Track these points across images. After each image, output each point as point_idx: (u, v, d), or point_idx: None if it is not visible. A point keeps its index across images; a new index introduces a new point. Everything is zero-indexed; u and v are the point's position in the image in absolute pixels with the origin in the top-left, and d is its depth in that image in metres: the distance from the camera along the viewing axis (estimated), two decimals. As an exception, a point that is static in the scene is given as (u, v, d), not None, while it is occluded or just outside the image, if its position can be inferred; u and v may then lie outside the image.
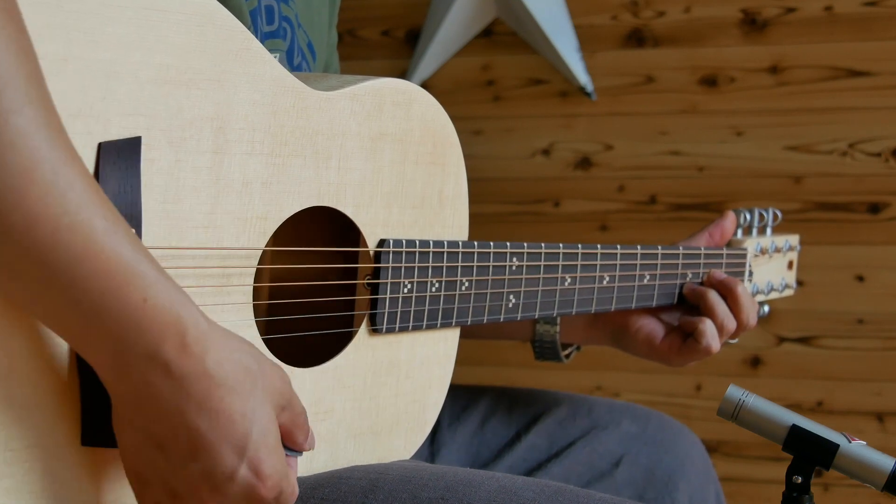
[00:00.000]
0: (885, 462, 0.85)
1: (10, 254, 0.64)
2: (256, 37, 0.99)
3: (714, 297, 1.21)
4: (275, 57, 1.02)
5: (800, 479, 0.86)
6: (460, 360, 1.07)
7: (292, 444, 0.77)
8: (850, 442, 0.85)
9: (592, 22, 2.39)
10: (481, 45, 2.45)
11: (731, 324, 1.21)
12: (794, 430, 0.86)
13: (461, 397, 1.30)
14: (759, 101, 2.32)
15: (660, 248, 1.21)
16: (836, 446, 0.85)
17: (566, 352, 1.30)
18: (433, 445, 1.26)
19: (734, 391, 0.88)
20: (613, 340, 1.28)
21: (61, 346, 0.73)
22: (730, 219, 1.31)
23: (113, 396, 0.71)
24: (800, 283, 2.28)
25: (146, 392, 0.69)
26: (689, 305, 1.25)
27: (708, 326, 1.20)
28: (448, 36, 2.38)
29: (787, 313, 2.30)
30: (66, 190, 0.64)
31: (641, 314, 1.25)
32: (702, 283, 1.25)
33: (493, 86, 2.46)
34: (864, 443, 0.86)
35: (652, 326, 1.25)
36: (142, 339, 0.67)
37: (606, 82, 2.39)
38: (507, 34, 2.44)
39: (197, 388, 0.69)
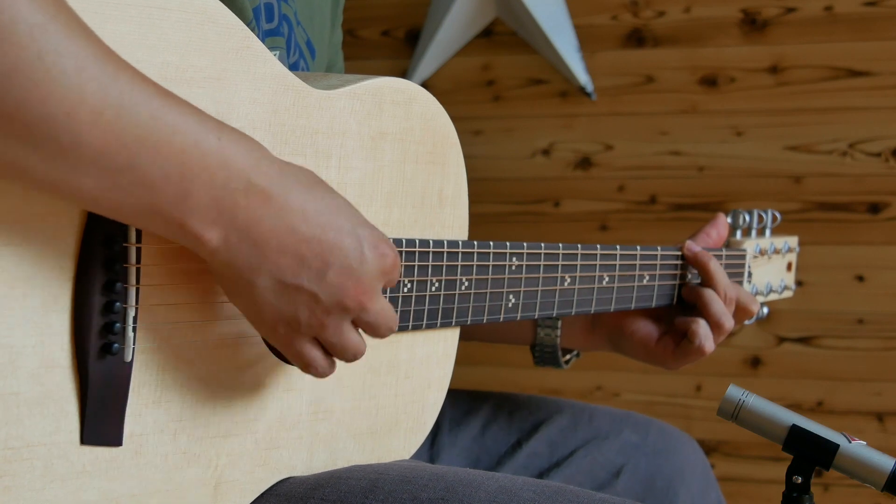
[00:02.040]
0: (885, 462, 0.84)
1: (89, 151, 0.67)
2: (258, 35, 0.99)
3: (710, 296, 1.21)
4: (276, 54, 1.03)
5: (800, 479, 0.86)
6: (460, 361, 1.07)
7: None
8: (850, 442, 0.85)
9: (592, 22, 2.39)
10: (481, 45, 2.45)
11: (728, 322, 1.20)
12: (794, 430, 0.86)
13: (462, 402, 1.30)
14: (759, 101, 2.32)
15: (659, 248, 1.21)
16: (836, 446, 0.85)
17: (566, 357, 1.30)
18: (433, 449, 1.25)
19: (734, 391, 0.88)
20: (611, 344, 1.28)
21: (63, 344, 0.73)
22: (721, 219, 1.31)
23: (229, 262, 0.74)
24: (800, 283, 2.28)
25: (258, 229, 0.74)
26: (688, 306, 1.25)
27: (701, 326, 1.19)
28: (448, 36, 2.38)
29: (787, 313, 2.30)
30: (117, 76, 0.68)
31: (637, 317, 1.25)
32: (700, 284, 1.25)
33: (493, 86, 2.46)
34: (864, 443, 0.86)
35: (648, 329, 1.25)
36: (233, 174, 0.72)
37: (606, 82, 2.39)
38: (507, 34, 2.44)
39: (294, 200, 0.75)
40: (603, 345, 1.28)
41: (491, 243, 1.02)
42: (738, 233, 1.36)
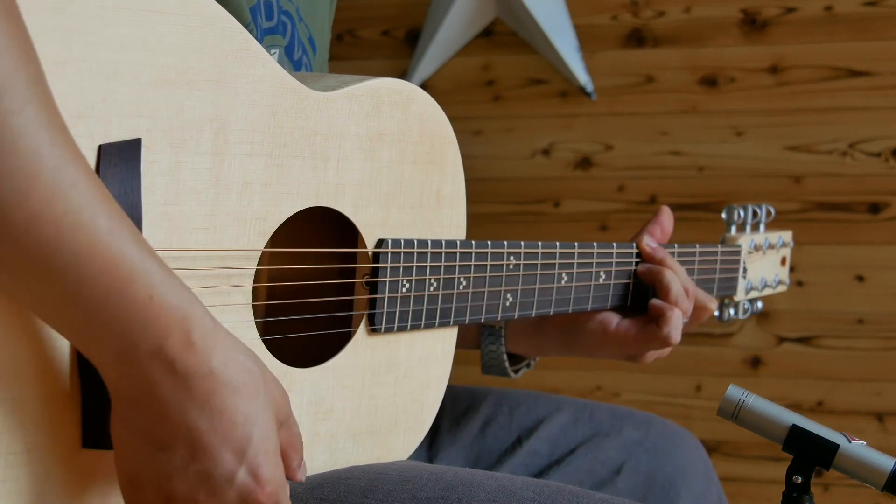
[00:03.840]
0: (885, 462, 0.84)
1: (12, 253, 0.64)
2: (256, 33, 0.99)
3: (670, 276, 1.15)
4: (274, 53, 1.03)
5: (800, 479, 0.86)
6: (459, 360, 1.07)
7: (286, 465, 0.75)
8: (850, 442, 0.85)
9: (592, 22, 2.39)
10: (481, 45, 2.45)
11: (684, 303, 1.15)
12: (794, 430, 0.86)
13: (462, 400, 1.30)
14: (759, 101, 2.32)
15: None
16: (836, 446, 0.85)
17: (517, 367, 1.26)
18: (432, 449, 1.25)
19: (734, 391, 0.88)
20: (563, 341, 1.21)
21: (63, 349, 0.73)
22: (666, 215, 1.23)
23: (114, 396, 0.70)
24: (800, 283, 2.29)
25: (149, 391, 0.68)
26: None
27: (675, 315, 1.13)
28: (448, 36, 2.39)
29: (787, 313, 2.30)
30: (69, 190, 0.64)
31: (593, 312, 1.20)
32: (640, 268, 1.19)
33: (493, 86, 2.46)
34: (864, 443, 0.86)
35: (603, 315, 1.18)
36: (147, 336, 0.67)
37: (606, 82, 2.39)
38: (507, 34, 2.44)
39: (200, 387, 0.69)
40: (553, 345, 1.23)
41: (489, 242, 1.02)
42: (733, 228, 1.36)
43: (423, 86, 2.43)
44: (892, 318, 2.27)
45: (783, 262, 1.46)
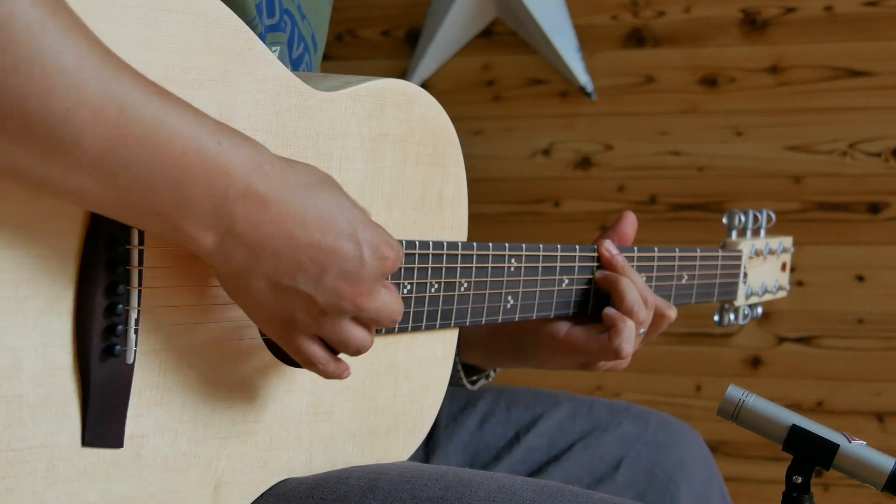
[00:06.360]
0: (885, 462, 0.85)
1: (89, 150, 0.67)
2: (260, 30, 0.99)
3: (626, 285, 1.12)
4: (275, 50, 1.03)
5: (800, 479, 0.86)
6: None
7: None
8: (850, 442, 0.85)
9: (592, 22, 2.39)
10: (481, 45, 2.46)
11: (641, 312, 1.11)
12: (794, 430, 0.86)
13: (460, 397, 1.30)
14: (759, 101, 2.32)
15: (656, 249, 1.21)
16: (836, 446, 0.85)
17: (473, 377, 1.24)
18: (429, 445, 1.25)
19: (734, 391, 0.88)
20: (515, 352, 1.19)
21: (66, 346, 0.73)
22: (629, 221, 1.20)
23: (225, 264, 0.75)
24: (800, 283, 2.29)
25: (255, 235, 0.74)
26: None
27: (627, 327, 1.09)
28: (448, 36, 2.39)
29: (787, 313, 2.30)
30: (118, 75, 0.68)
31: (543, 321, 1.17)
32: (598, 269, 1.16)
33: (493, 86, 2.46)
34: (864, 443, 0.86)
35: (554, 323, 1.15)
36: (232, 180, 0.72)
37: (606, 82, 2.39)
38: (507, 34, 2.44)
39: (294, 205, 0.75)
40: (505, 358, 1.21)
41: (490, 245, 1.02)
42: (734, 233, 1.35)
43: (424, 86, 2.44)
44: (892, 318, 2.27)
45: (783, 267, 1.45)
